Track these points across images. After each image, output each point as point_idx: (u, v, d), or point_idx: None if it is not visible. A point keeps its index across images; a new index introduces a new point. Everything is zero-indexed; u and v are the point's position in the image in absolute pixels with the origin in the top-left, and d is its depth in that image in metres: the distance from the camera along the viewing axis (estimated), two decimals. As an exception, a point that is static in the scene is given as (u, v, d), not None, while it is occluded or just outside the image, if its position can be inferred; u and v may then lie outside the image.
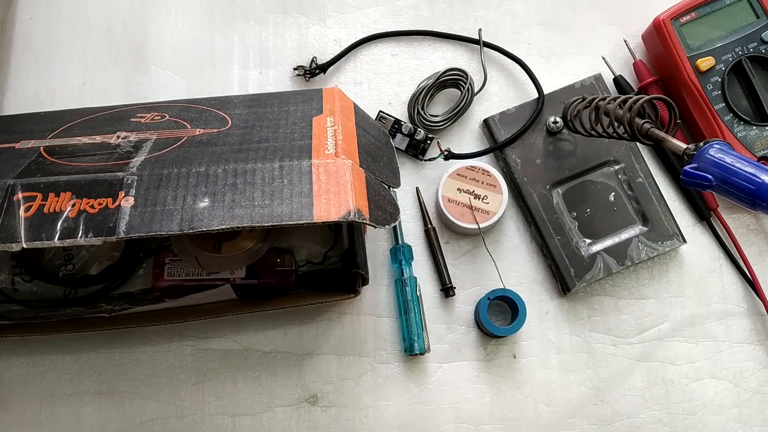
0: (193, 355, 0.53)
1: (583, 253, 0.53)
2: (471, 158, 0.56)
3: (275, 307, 0.50)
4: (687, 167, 0.43)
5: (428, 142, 0.57)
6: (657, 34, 0.56)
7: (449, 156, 0.56)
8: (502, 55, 0.59)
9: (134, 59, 0.61)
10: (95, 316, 0.50)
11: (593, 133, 0.51)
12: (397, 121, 0.57)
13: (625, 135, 0.48)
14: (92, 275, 0.53)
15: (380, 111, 0.58)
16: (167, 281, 0.51)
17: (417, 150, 0.57)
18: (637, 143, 0.53)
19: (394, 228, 0.55)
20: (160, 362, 0.53)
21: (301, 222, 0.38)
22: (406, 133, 0.57)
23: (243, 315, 0.53)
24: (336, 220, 0.39)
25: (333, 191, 0.40)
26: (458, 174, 0.54)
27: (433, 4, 0.62)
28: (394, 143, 0.57)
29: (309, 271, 0.54)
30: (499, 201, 0.53)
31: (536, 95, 0.57)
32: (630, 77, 0.59)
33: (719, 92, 0.54)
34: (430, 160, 0.57)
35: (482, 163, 0.55)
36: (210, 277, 0.51)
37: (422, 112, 0.57)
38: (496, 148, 0.56)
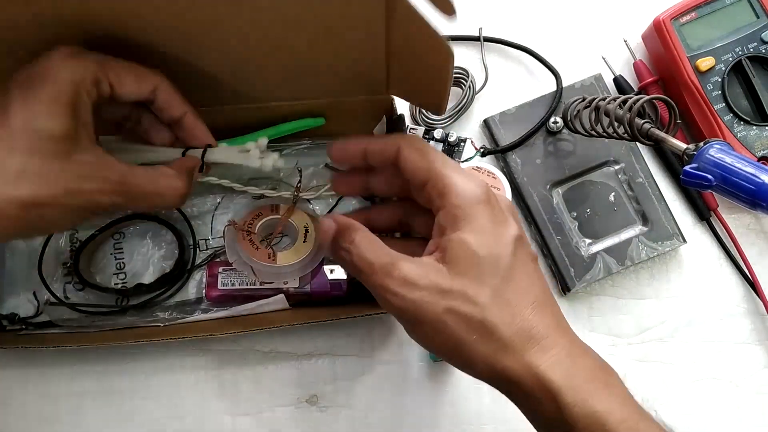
0: (193, 355, 0.53)
1: (583, 253, 0.53)
2: (502, 152, 0.56)
3: (330, 318, 0.49)
4: (687, 167, 0.43)
5: (462, 144, 0.56)
6: (657, 34, 0.56)
7: (485, 152, 0.56)
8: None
9: None
10: (149, 326, 0.49)
11: (593, 133, 0.51)
12: (428, 131, 0.56)
13: (625, 135, 0.48)
14: (145, 284, 0.51)
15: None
16: (221, 290, 0.50)
17: (452, 154, 0.56)
18: (637, 143, 0.53)
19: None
20: (161, 362, 0.53)
21: None
22: (439, 138, 0.56)
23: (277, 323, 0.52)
24: None
25: None
26: (460, 174, 0.54)
27: (433, 4, 0.62)
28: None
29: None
30: (499, 201, 0.53)
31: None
32: (630, 77, 0.59)
33: (719, 92, 0.54)
34: (467, 160, 0.56)
35: (488, 164, 0.54)
36: (264, 287, 0.50)
37: (424, 111, 0.57)
38: (517, 144, 0.56)
